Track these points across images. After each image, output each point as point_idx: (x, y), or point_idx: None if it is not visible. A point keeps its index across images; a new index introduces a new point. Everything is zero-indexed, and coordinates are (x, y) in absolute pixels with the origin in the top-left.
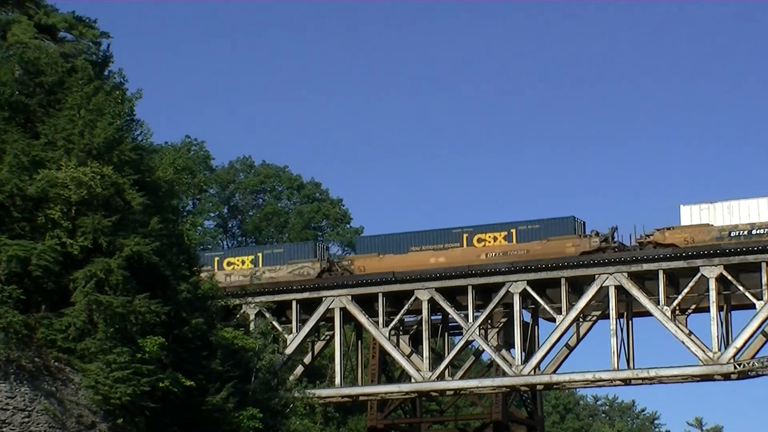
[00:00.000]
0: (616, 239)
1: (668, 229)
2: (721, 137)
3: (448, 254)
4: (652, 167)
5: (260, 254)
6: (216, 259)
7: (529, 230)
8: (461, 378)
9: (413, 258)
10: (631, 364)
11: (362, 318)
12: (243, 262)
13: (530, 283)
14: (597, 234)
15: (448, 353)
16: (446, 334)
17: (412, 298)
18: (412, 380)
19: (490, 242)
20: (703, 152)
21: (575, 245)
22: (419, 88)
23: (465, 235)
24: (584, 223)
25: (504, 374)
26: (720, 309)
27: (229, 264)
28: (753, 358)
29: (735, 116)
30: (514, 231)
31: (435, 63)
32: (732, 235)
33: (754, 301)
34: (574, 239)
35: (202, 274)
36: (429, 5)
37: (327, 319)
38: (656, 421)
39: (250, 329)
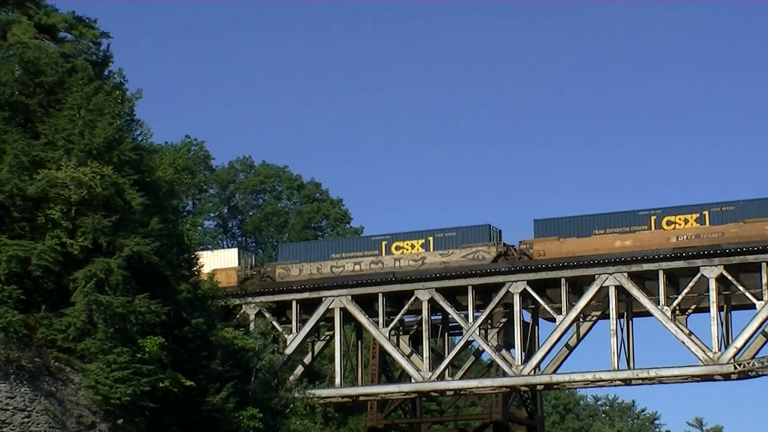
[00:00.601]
0: None
1: None
2: None
3: (636, 237)
4: None
5: (431, 238)
6: (384, 243)
7: (723, 212)
8: (461, 378)
9: (597, 241)
10: (631, 364)
11: (362, 318)
12: (413, 246)
13: (530, 283)
14: None
15: (448, 353)
16: (446, 334)
17: (412, 298)
18: (412, 380)
19: (680, 225)
20: None
21: None
22: (419, 87)
23: (653, 218)
24: None
25: (504, 374)
26: (720, 309)
27: (397, 248)
28: (753, 358)
29: None
30: (707, 213)
31: (435, 63)
32: None
33: (754, 301)
34: None
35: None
36: (429, 5)
37: (327, 319)
38: (656, 421)
39: (250, 329)
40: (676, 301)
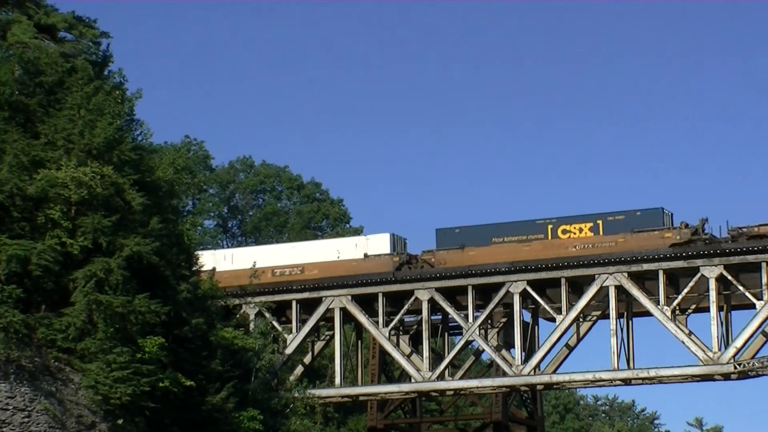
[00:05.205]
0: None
1: None
2: None
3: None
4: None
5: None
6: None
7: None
8: (461, 378)
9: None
10: (631, 364)
11: (362, 318)
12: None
13: (530, 283)
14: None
15: (448, 353)
16: (446, 334)
17: (412, 298)
18: (412, 380)
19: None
20: None
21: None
22: (419, 88)
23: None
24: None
25: (504, 374)
26: (720, 309)
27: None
28: (753, 358)
29: None
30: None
31: (436, 62)
32: None
33: (754, 301)
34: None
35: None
36: (429, 5)
37: (327, 319)
38: (656, 421)
39: (250, 329)
40: (676, 301)
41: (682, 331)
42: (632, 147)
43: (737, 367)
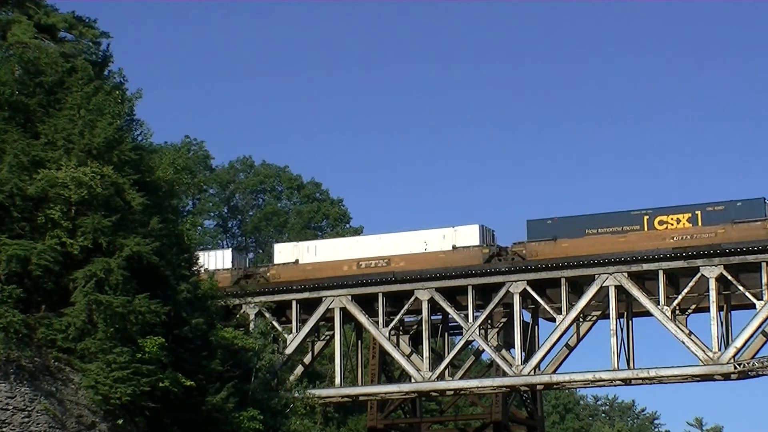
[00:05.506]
0: None
1: None
2: None
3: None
4: None
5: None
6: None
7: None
8: (461, 378)
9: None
10: (631, 364)
11: (362, 318)
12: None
13: (530, 283)
14: None
15: (448, 353)
16: (446, 334)
17: (412, 298)
18: (412, 380)
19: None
20: None
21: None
22: (419, 88)
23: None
24: None
25: (504, 374)
26: (720, 309)
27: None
28: (753, 358)
29: None
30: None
31: (436, 62)
32: None
33: (754, 301)
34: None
35: None
36: (429, 5)
37: (327, 319)
38: (656, 421)
39: (250, 329)
40: (676, 301)
41: (682, 331)
42: (632, 147)
43: (737, 367)
